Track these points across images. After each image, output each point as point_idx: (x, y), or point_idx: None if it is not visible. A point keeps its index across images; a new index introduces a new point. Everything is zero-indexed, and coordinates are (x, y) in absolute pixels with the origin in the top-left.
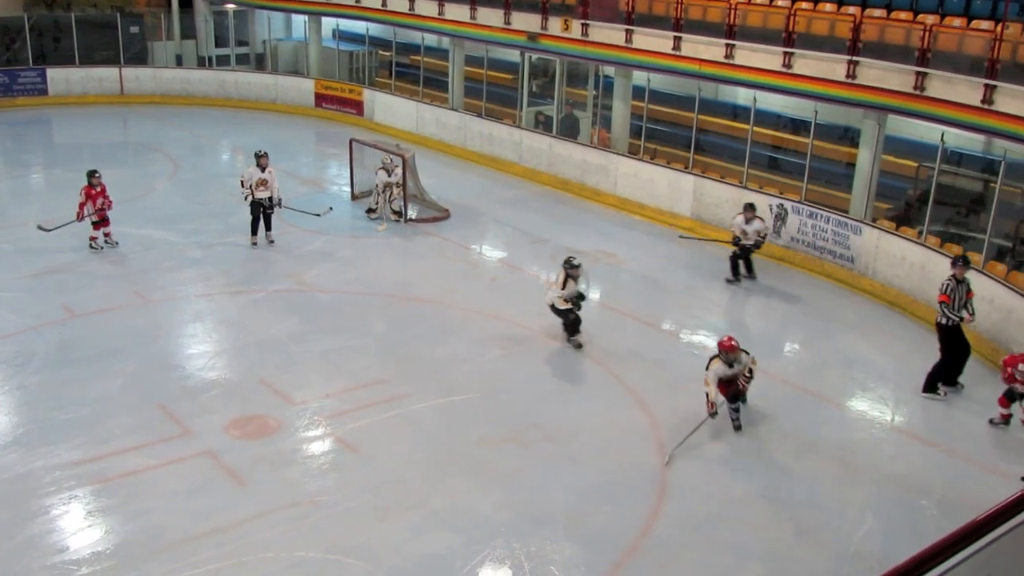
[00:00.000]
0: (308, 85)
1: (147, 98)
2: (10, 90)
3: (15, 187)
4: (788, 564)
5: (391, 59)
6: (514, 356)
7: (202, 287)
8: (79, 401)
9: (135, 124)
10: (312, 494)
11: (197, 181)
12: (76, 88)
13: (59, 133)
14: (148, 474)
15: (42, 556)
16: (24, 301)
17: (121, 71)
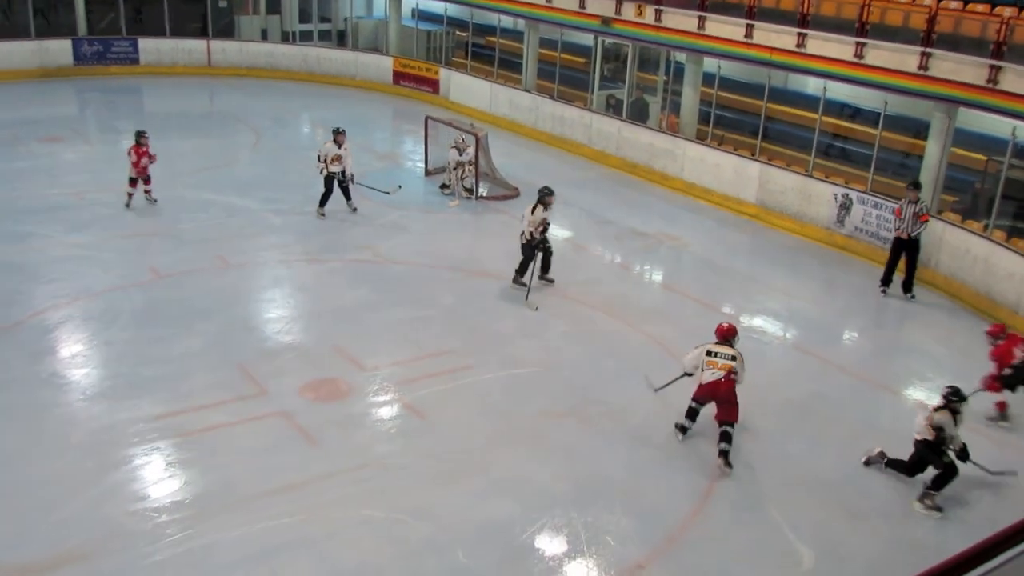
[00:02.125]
0: (387, 63)
1: (233, 70)
2: (104, 58)
3: (108, 152)
4: (840, 548)
5: (467, 40)
6: (576, 333)
7: (281, 254)
8: (163, 358)
9: (221, 95)
10: (379, 456)
11: (278, 152)
12: (166, 59)
13: (149, 101)
14: (226, 430)
15: (124, 503)
16: (114, 261)
17: (209, 43)
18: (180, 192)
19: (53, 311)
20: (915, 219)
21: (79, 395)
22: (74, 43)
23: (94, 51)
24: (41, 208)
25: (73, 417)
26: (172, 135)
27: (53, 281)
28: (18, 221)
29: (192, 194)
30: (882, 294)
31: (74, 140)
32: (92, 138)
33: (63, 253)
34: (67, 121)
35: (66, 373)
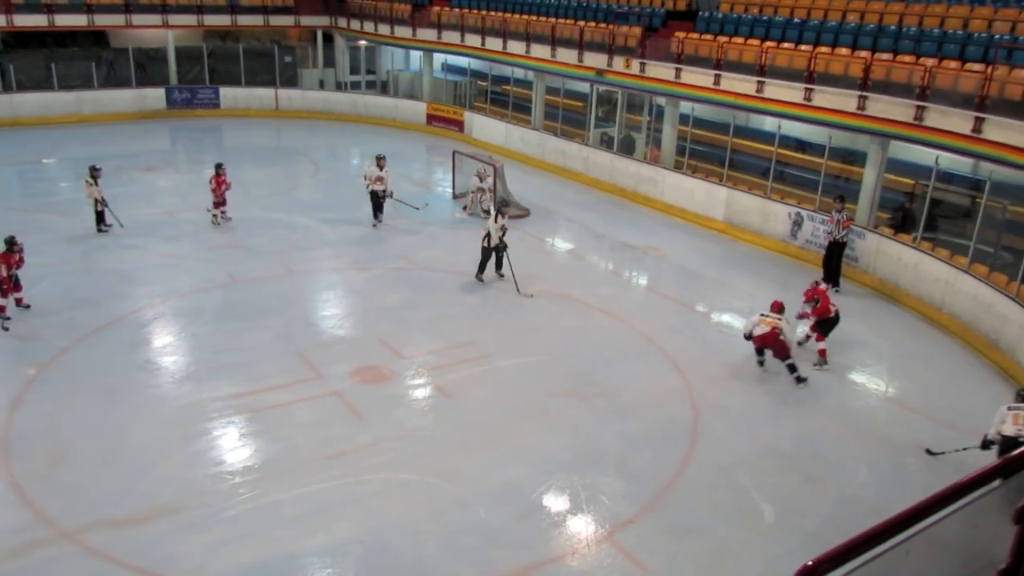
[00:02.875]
0: (421, 107)
1: (296, 113)
2: (191, 103)
3: (194, 179)
4: (796, 506)
5: (487, 88)
6: (578, 327)
7: (334, 263)
8: (238, 347)
9: (286, 133)
10: (415, 429)
11: (333, 179)
12: (241, 103)
13: (227, 138)
14: (288, 407)
15: (205, 467)
16: (198, 268)
17: (277, 91)
18: (253, 212)
19: (148, 309)
20: (839, 225)
21: (169, 378)
22: (167, 91)
23: (183, 97)
24: (140, 225)
25: (164, 396)
26: (246, 165)
27: (149, 284)
28: (120, 237)
29: (262, 214)
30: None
31: (166, 169)
32: (181, 168)
33: (157, 261)
34: (161, 154)
35: (158, 360)
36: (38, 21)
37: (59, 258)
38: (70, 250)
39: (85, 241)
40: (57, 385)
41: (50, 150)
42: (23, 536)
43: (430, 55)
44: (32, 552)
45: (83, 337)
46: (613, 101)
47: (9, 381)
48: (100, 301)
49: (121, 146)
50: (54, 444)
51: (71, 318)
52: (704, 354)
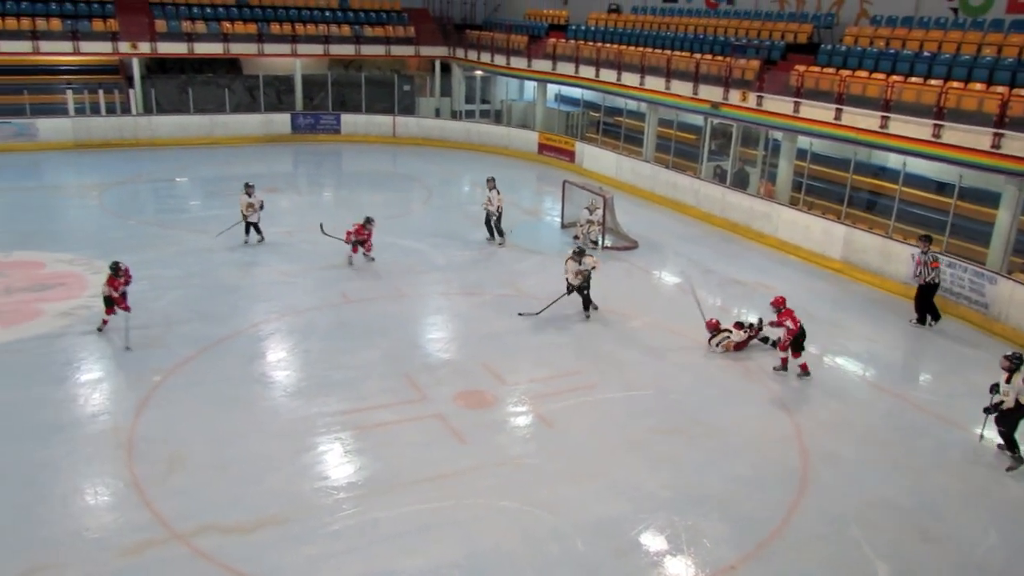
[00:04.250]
0: (533, 136)
1: (412, 140)
2: (314, 128)
3: (313, 201)
4: (914, 566)
5: (599, 119)
6: (685, 362)
7: (443, 288)
8: (347, 365)
9: (402, 159)
10: (516, 456)
11: (445, 206)
12: (360, 129)
13: (346, 163)
14: (393, 427)
15: (311, 480)
16: (313, 287)
17: (394, 119)
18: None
19: (265, 324)
20: (927, 267)
21: (282, 391)
22: (292, 116)
23: (307, 123)
24: (262, 243)
25: (277, 408)
26: (363, 189)
27: (267, 300)
28: (244, 252)
29: (376, 237)
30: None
31: (288, 191)
32: (302, 189)
33: (275, 279)
34: (283, 176)
35: (272, 373)
36: (179, 49)
37: (186, 271)
38: (197, 264)
39: (211, 256)
40: (179, 392)
41: (183, 169)
42: (139, 535)
43: (544, 85)
44: (146, 551)
45: (205, 348)
46: (727, 134)
47: (136, 385)
48: (222, 315)
49: (247, 167)
50: (173, 448)
51: (195, 329)
52: (817, 397)
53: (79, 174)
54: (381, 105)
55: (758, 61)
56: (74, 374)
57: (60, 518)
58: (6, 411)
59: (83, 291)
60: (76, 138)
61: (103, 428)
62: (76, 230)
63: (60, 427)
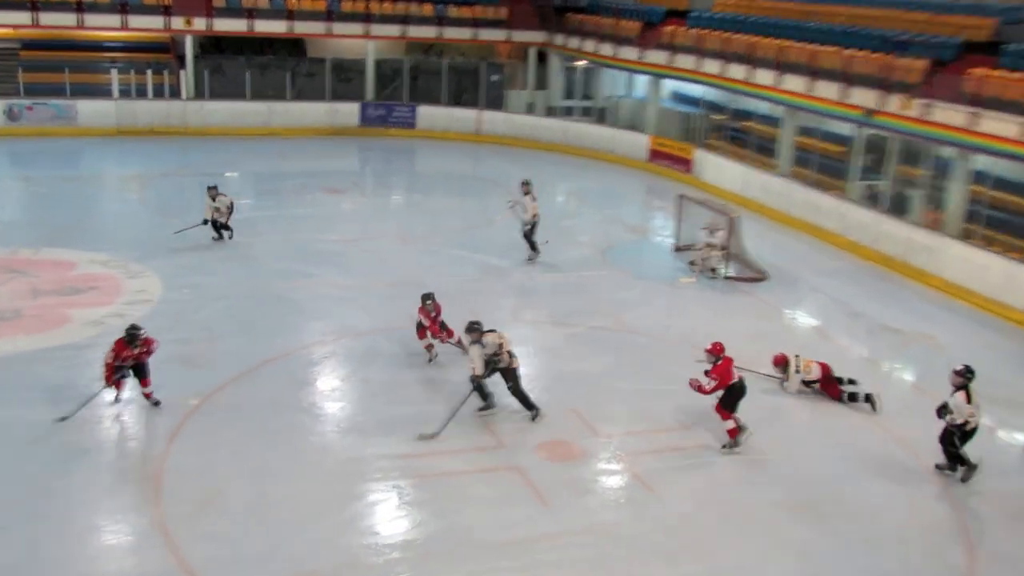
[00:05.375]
0: (643, 140)
1: (497, 139)
2: (385, 121)
3: (380, 205)
4: None
5: (724, 123)
6: (818, 425)
7: (529, 314)
8: (411, 400)
9: (485, 161)
10: (606, 524)
11: None
12: (439, 124)
13: (420, 162)
14: (461, 477)
15: (361, 534)
16: (376, 306)
17: (480, 113)
18: (440, 247)
19: (319, 346)
20: None
21: (334, 426)
22: (361, 106)
23: (378, 114)
24: (318, 251)
25: (327, 446)
26: (439, 193)
27: (322, 318)
28: (298, 260)
29: (451, 251)
30: None
31: (352, 193)
32: (368, 192)
33: (333, 293)
34: (348, 175)
35: (324, 404)
36: (237, 26)
37: (232, 279)
38: (244, 272)
39: (260, 263)
40: (217, 419)
41: (235, 163)
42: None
43: (658, 81)
44: None
45: (249, 370)
46: (884, 148)
47: (170, 409)
48: (270, 331)
49: (307, 163)
50: (206, 484)
51: (239, 347)
52: (991, 483)
53: (120, 164)
54: (464, 97)
55: (925, 61)
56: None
57: (74, 559)
58: (23, 430)
59: (117, 297)
60: (119, 123)
61: (130, 456)
62: (113, 227)
63: (82, 451)
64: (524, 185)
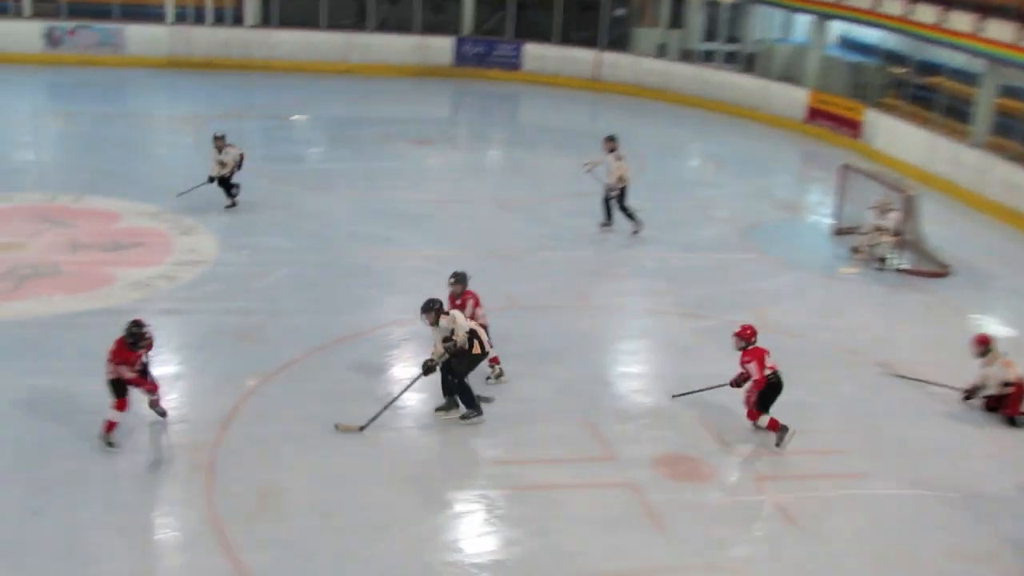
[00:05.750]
0: (800, 95)
1: (620, 87)
2: (484, 60)
3: (473, 161)
4: None
5: (906, 78)
6: (1007, 456)
7: (651, 302)
8: (506, 397)
9: (603, 113)
10: (736, 560)
11: (661, 184)
12: (550, 67)
13: (525, 112)
14: (564, 492)
15: (444, 550)
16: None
17: (599, 55)
18: (547, 215)
19: (399, 326)
20: None
21: (413, 422)
22: (456, 42)
23: (476, 52)
24: (399, 213)
25: (406, 445)
26: (545, 151)
27: (404, 292)
28: (375, 224)
29: (560, 219)
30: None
31: (443, 145)
32: (461, 144)
33: (416, 264)
34: (438, 124)
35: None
36: None
37: (301, 243)
38: (315, 234)
39: (333, 225)
40: (278, 404)
41: (304, 104)
42: None
43: (823, 22)
44: None
45: (316, 349)
46: None
47: (225, 389)
48: (343, 306)
49: (390, 108)
50: (265, 480)
51: (306, 323)
52: None
53: (172, 101)
54: (581, 35)
55: None
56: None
57: (117, 554)
58: (58, 403)
59: (166, 256)
60: (172, 52)
61: (179, 441)
62: (163, 175)
63: (125, 432)
64: (609, 141)
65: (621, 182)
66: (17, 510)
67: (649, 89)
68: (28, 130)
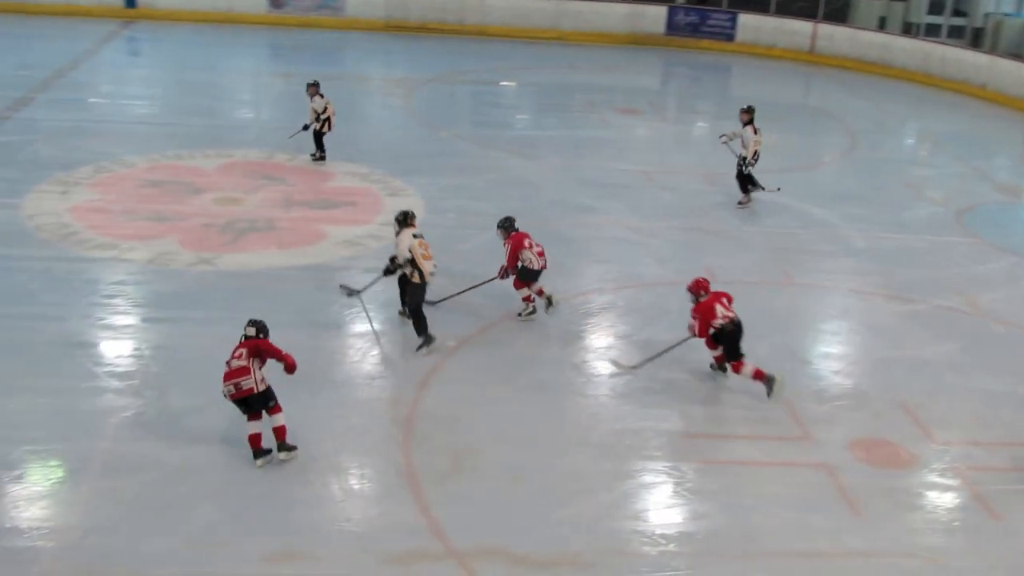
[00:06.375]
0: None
1: (837, 60)
2: (697, 30)
3: (680, 133)
4: None
5: None
6: None
7: (856, 282)
8: (701, 370)
9: (818, 87)
10: (932, 550)
11: (874, 163)
12: (764, 38)
13: (736, 84)
14: (755, 469)
15: (630, 518)
16: (669, 253)
17: (815, 26)
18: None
19: (598, 294)
20: None
21: (608, 390)
22: (670, 11)
23: (688, 21)
24: (603, 183)
25: (597, 412)
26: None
27: (604, 262)
28: (579, 193)
29: (764, 194)
30: None
31: (650, 115)
32: (669, 116)
33: (617, 234)
34: (647, 94)
35: (598, 364)
36: None
37: (504, 207)
38: (518, 200)
39: (538, 192)
40: (475, 366)
41: (513, 71)
42: (408, 542)
43: None
44: (415, 564)
45: (515, 314)
46: None
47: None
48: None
49: (599, 76)
50: (459, 440)
51: (506, 286)
52: None
53: (387, 64)
54: (799, 5)
55: None
56: (352, 320)
57: (318, 499)
58: None
59: (375, 216)
60: (388, 16)
61: (379, 396)
62: (374, 137)
63: (331, 383)
64: (745, 112)
65: (756, 155)
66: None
67: (867, 63)
68: (249, 89)
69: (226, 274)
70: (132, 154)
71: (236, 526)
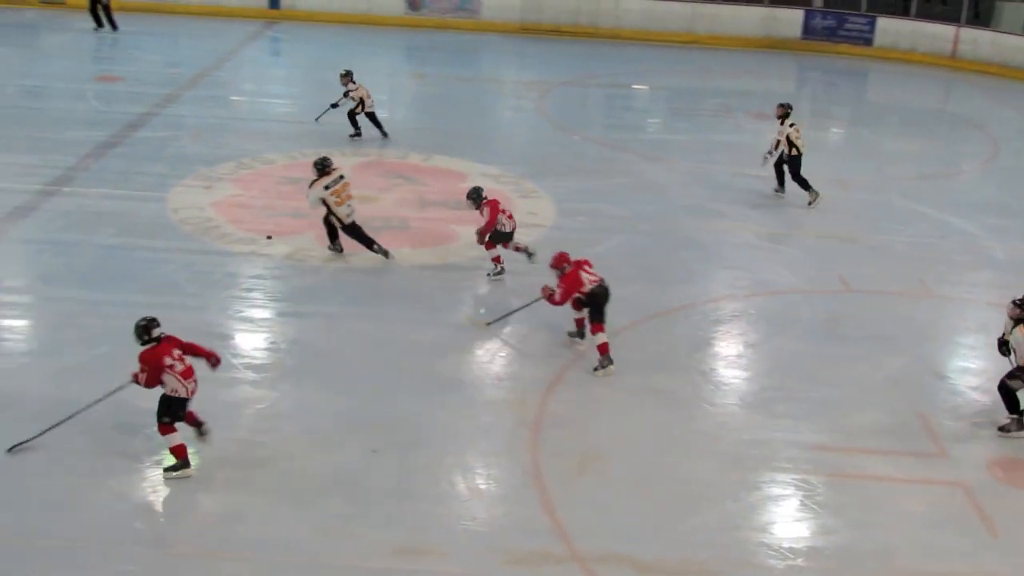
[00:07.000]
0: None
1: (980, 66)
2: (834, 34)
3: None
4: None
5: None
6: None
7: (997, 294)
8: (833, 382)
9: (958, 94)
10: None
11: (1017, 172)
12: (903, 43)
13: (873, 89)
14: (888, 485)
15: (758, 530)
16: (801, 261)
17: (957, 30)
18: (887, 198)
19: (728, 301)
20: None
21: (736, 399)
22: (806, 14)
23: (825, 25)
24: (735, 187)
25: (725, 421)
26: (888, 131)
27: (734, 268)
28: (710, 197)
29: (900, 202)
30: None
31: None
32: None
33: (748, 241)
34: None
35: (725, 372)
36: None
37: (635, 212)
38: (650, 204)
39: (668, 196)
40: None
41: (646, 74)
42: (533, 543)
43: None
44: (540, 566)
45: (643, 319)
46: None
47: (554, 352)
48: (672, 277)
49: (733, 81)
50: (585, 444)
51: (636, 292)
52: None
53: (520, 66)
54: (940, 8)
55: None
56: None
57: (444, 496)
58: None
59: None
60: (523, 19)
61: (507, 397)
62: (507, 138)
63: (458, 384)
64: (781, 107)
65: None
66: (358, 448)
67: (1012, 69)
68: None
69: (360, 271)
70: (272, 151)
71: (364, 519)
